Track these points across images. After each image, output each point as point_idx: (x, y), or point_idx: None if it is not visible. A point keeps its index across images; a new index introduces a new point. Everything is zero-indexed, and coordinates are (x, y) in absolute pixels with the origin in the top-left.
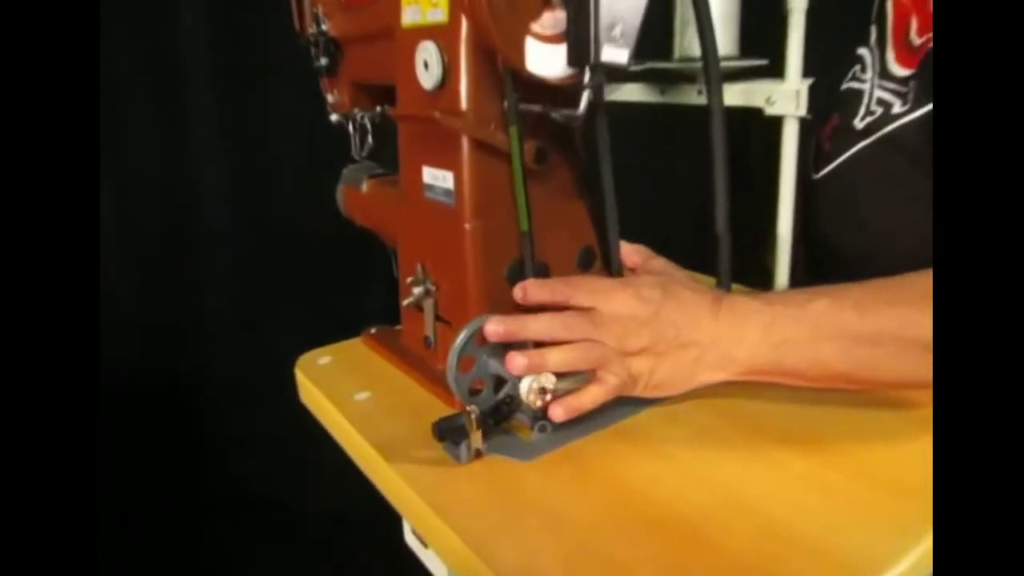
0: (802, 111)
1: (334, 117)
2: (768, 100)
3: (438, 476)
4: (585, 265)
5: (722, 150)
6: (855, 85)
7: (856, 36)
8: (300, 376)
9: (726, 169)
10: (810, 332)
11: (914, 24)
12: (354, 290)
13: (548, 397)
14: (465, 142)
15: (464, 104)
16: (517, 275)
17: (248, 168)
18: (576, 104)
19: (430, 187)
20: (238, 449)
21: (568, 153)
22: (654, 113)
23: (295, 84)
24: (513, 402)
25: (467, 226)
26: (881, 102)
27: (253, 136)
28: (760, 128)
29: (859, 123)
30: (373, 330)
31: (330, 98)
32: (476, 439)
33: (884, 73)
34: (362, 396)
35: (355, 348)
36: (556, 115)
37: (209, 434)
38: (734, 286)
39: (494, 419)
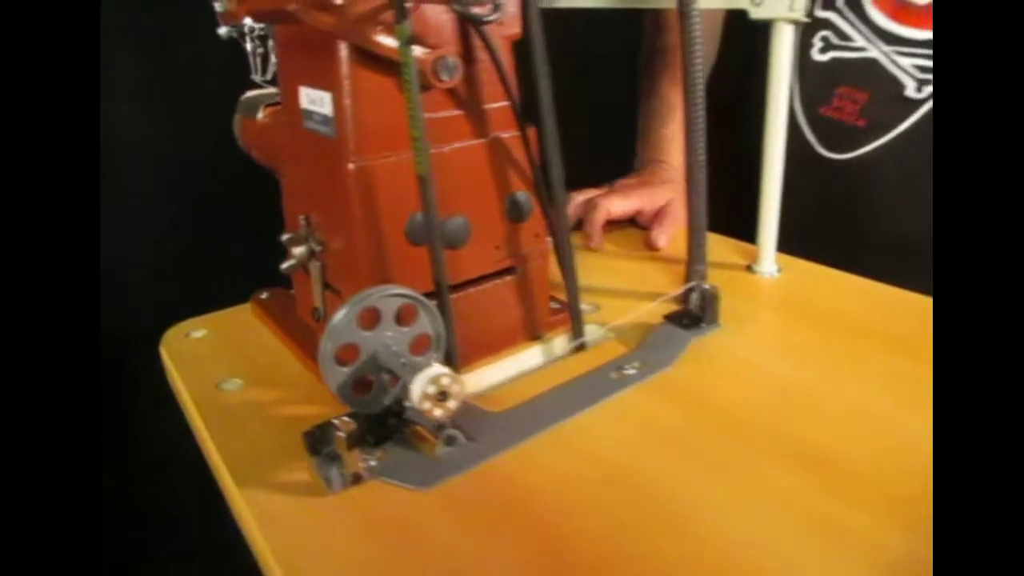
0: (798, 13)
1: (223, 30)
2: None
3: (299, 510)
4: (516, 218)
5: (697, 68)
6: (864, 54)
7: None
8: (164, 356)
9: (701, 91)
10: None
11: None
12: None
13: (452, 405)
14: (343, 51)
15: None
16: (422, 233)
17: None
18: None
19: (308, 114)
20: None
21: (488, 65)
22: (602, 22)
23: None
24: (403, 411)
25: (350, 165)
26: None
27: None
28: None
29: (915, 93)
30: (265, 294)
31: (218, 6)
32: (353, 461)
33: (889, 37)
34: (231, 386)
35: (240, 318)
36: (470, 10)
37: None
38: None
39: (375, 436)
